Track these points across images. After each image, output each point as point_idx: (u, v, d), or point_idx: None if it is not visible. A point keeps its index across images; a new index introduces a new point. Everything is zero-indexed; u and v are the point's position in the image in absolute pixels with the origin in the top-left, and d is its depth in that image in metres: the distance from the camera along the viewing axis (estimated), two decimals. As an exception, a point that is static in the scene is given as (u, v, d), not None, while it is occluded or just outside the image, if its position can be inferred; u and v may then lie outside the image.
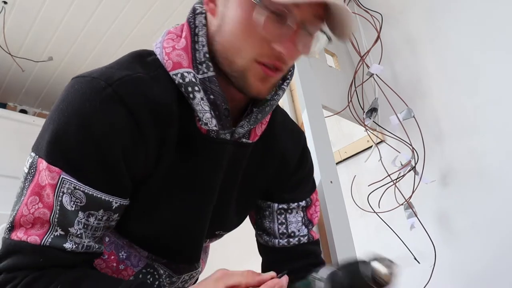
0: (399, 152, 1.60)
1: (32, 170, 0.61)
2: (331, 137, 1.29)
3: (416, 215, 1.51)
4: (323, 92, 1.57)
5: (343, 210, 1.14)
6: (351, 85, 1.71)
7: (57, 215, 0.59)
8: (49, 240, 0.59)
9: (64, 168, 0.58)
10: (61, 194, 0.59)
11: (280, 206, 0.86)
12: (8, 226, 0.61)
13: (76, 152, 0.59)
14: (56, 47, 2.23)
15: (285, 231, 0.86)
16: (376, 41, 1.68)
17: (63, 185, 0.58)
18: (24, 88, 2.52)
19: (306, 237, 0.86)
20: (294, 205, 0.86)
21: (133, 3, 1.98)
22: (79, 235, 0.61)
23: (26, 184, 0.61)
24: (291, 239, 0.85)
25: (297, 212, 0.87)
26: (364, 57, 1.68)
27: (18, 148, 2.22)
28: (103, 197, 0.61)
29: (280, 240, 0.85)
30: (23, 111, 2.63)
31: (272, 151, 0.83)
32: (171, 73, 0.66)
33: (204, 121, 0.67)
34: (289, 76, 0.75)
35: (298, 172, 0.88)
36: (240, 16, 0.63)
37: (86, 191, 0.59)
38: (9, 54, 2.15)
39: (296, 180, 0.88)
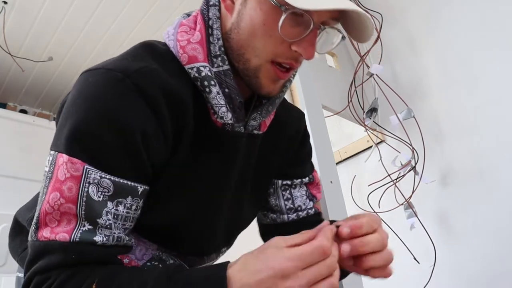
0: (399, 152, 1.60)
1: (52, 167, 0.58)
2: (331, 137, 1.29)
3: (416, 215, 1.51)
4: (323, 92, 1.57)
5: (343, 210, 1.14)
6: (351, 85, 1.71)
7: (83, 208, 0.57)
8: (78, 235, 0.56)
9: (88, 159, 0.57)
10: (87, 185, 0.57)
11: (284, 182, 0.88)
12: (33, 228, 0.58)
13: (99, 142, 0.57)
14: (56, 47, 2.23)
15: (292, 206, 0.88)
16: (376, 41, 1.68)
17: (89, 175, 0.57)
18: (24, 88, 2.52)
19: (312, 210, 0.89)
20: (298, 181, 0.89)
21: (133, 3, 1.98)
22: (109, 226, 0.58)
23: (46, 182, 0.59)
24: (299, 213, 0.88)
25: (300, 187, 0.89)
26: (364, 57, 1.68)
27: (18, 148, 2.22)
28: (129, 183, 0.60)
29: (289, 215, 0.87)
30: (23, 111, 2.63)
31: (281, 136, 0.85)
32: (186, 66, 0.67)
33: (220, 114, 0.68)
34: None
35: (301, 150, 0.91)
36: (259, 16, 0.63)
37: (112, 179, 0.58)
38: (9, 54, 2.15)
39: (299, 158, 0.91)
